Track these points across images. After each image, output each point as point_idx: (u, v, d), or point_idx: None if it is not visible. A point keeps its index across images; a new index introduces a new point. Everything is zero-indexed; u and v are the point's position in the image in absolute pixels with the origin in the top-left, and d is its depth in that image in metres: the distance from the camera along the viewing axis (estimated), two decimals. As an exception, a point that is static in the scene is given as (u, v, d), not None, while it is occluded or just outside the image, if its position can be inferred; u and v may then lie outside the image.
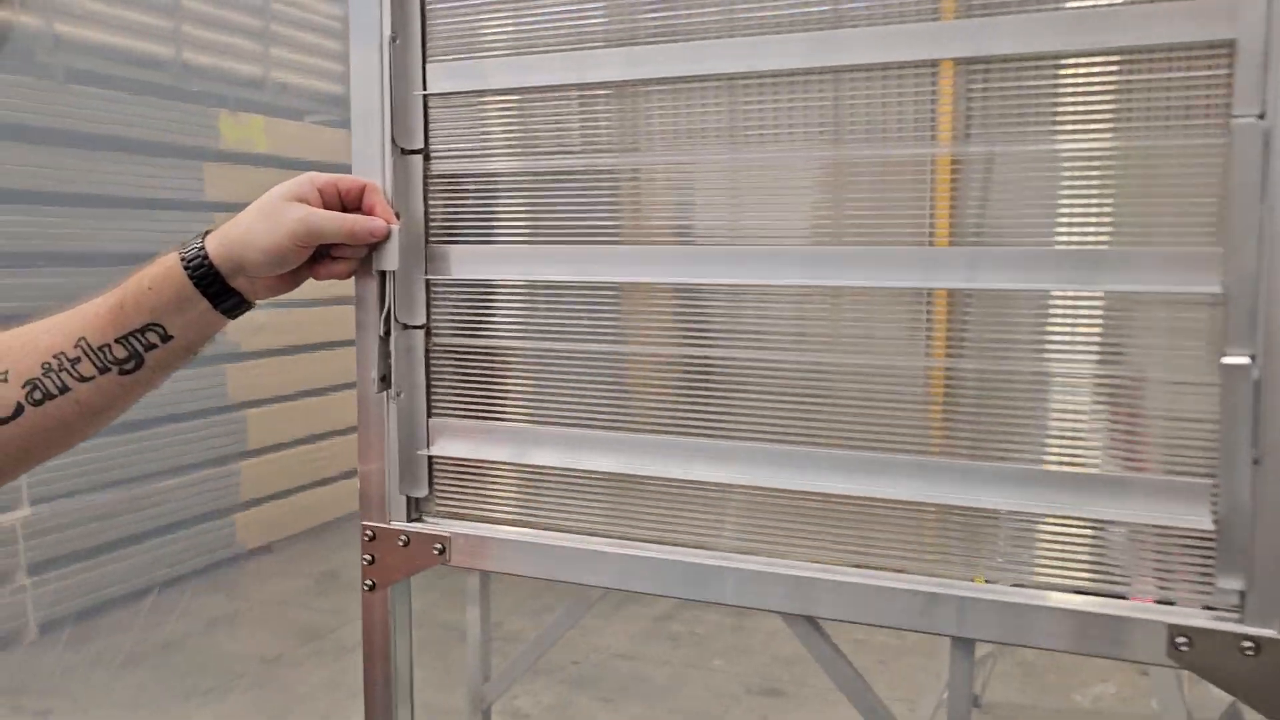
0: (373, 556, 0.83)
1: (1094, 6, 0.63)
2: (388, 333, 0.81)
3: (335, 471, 4.88)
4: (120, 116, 4.10)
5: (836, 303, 0.71)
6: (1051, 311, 0.67)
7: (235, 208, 0.81)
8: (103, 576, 3.84)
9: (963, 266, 0.67)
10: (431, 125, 0.82)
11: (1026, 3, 0.66)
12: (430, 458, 0.82)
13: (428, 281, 0.82)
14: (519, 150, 0.80)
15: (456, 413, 0.83)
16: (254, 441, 4.67)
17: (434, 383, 0.83)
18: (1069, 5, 0.64)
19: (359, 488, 0.83)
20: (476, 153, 0.81)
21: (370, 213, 0.79)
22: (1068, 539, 0.66)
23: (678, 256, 0.76)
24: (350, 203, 0.80)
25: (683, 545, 0.76)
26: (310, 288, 0.82)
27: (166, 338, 0.76)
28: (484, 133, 0.81)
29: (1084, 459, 0.66)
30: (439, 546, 0.81)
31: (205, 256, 0.76)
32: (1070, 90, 0.65)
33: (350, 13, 0.83)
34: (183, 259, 0.76)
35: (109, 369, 0.75)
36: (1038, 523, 0.67)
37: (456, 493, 0.83)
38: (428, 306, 0.82)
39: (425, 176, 0.82)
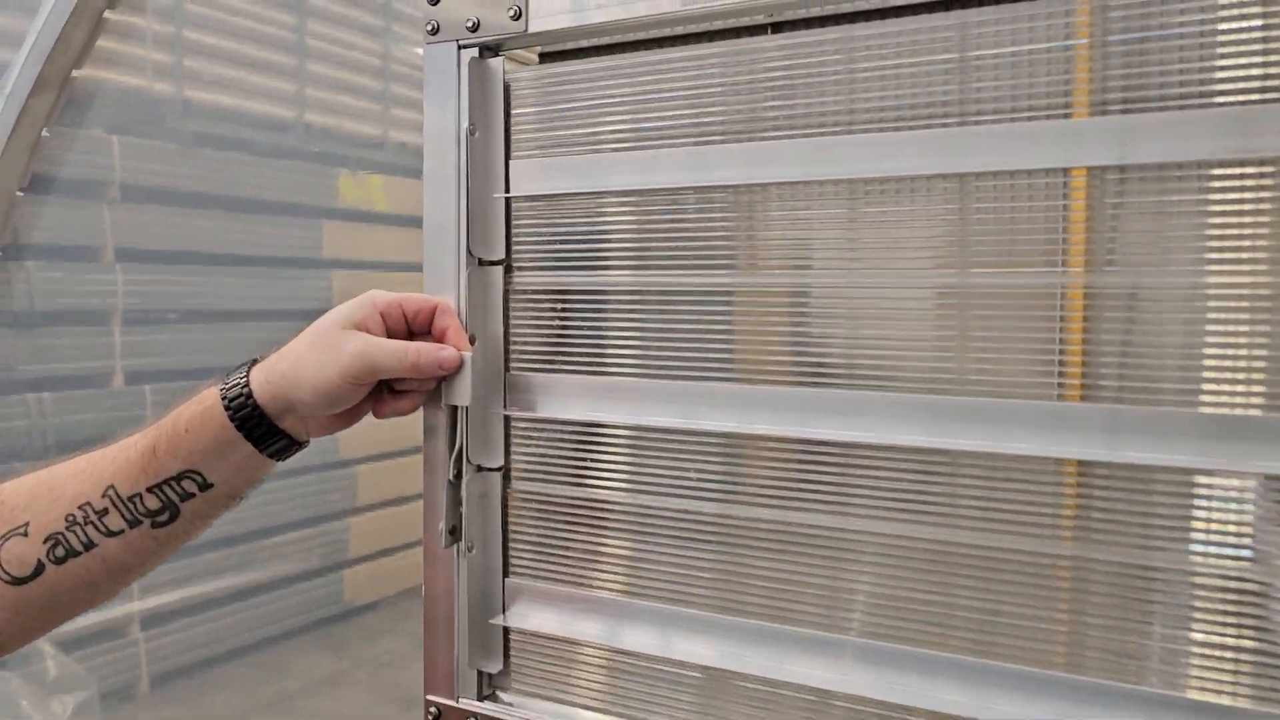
0: (437, 738, 0.69)
1: (1251, 103, 0.47)
2: (459, 476, 0.68)
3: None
4: (245, 179, 4.21)
5: (954, 467, 0.56)
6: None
7: (352, 264, 0.70)
8: (214, 631, 3.88)
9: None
10: (515, 232, 0.70)
11: (1168, 99, 0.48)
12: (506, 628, 0.68)
13: (507, 418, 0.69)
14: (615, 263, 0.66)
15: (538, 574, 0.69)
16: (363, 498, 4.70)
17: (512, 537, 0.69)
18: (1219, 101, 0.48)
19: (424, 655, 0.70)
20: (566, 265, 0.68)
21: (441, 338, 0.68)
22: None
23: (791, 400, 0.61)
24: (418, 326, 0.69)
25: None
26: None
27: (205, 486, 0.66)
28: (575, 242, 0.68)
29: (1227, 689, 0.49)
30: (514, 736, 0.67)
31: (249, 395, 0.66)
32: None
33: (424, 101, 0.72)
34: (224, 397, 0.66)
35: (140, 522, 0.65)
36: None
37: (536, 670, 0.69)
38: (507, 446, 0.69)
39: (506, 291, 0.70)
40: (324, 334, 0.68)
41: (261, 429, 0.68)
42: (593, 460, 0.67)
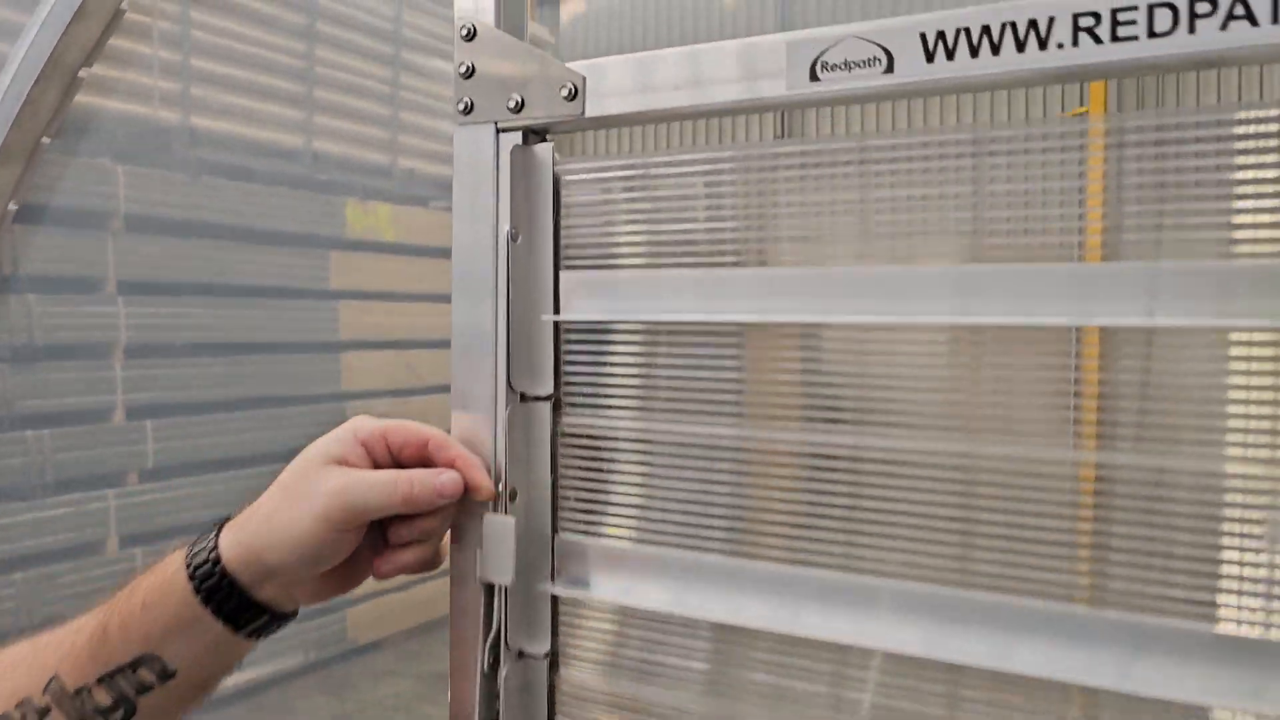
0: None
1: None
2: (495, 665, 0.55)
3: (448, 565, 4.74)
4: (251, 208, 4.16)
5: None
6: None
7: (359, 295, 0.57)
8: None
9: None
10: (567, 362, 0.57)
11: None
12: None
13: (555, 598, 0.55)
14: (700, 408, 0.53)
15: None
16: None
17: None
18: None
19: None
20: (635, 405, 0.55)
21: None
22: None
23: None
24: (408, 461, 0.56)
25: None
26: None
27: (166, 675, 0.54)
28: (644, 377, 0.55)
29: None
30: None
31: (217, 562, 0.53)
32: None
33: (454, 193, 0.59)
34: (188, 565, 0.54)
35: None
36: None
37: None
38: (554, 627, 0.56)
39: (555, 434, 0.56)
40: (297, 476, 0.57)
41: (233, 603, 0.55)
42: (664, 658, 0.54)
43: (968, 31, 0.46)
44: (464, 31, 0.56)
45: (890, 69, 0.48)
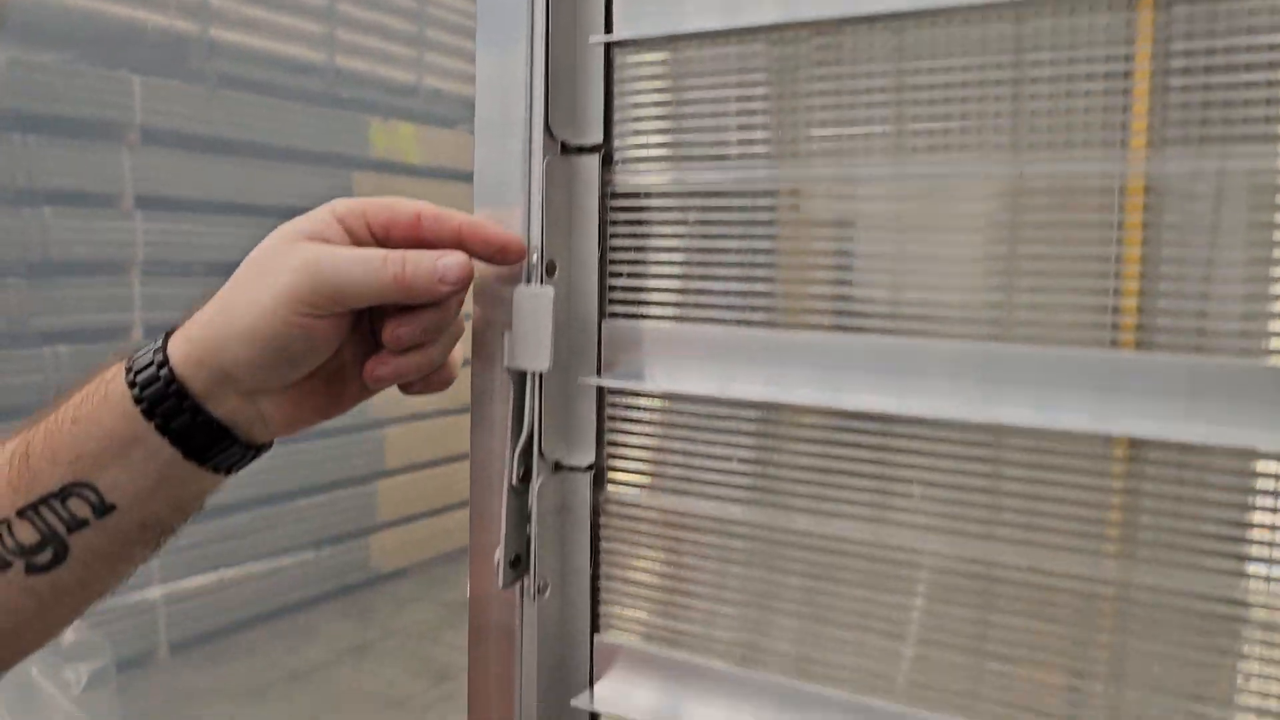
0: None
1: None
2: (526, 478, 0.44)
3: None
4: (271, 124, 4.08)
5: None
6: None
7: None
8: (236, 597, 3.81)
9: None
10: (618, 103, 0.45)
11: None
12: (594, 715, 0.43)
13: (601, 391, 0.43)
14: (796, 150, 0.41)
15: (645, 632, 0.44)
16: (391, 461, 4.65)
17: (605, 574, 0.45)
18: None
19: None
20: (705, 156, 0.43)
21: (457, 245, 0.43)
22: None
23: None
24: (400, 244, 0.44)
25: None
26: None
27: (104, 508, 0.42)
28: (725, 118, 0.42)
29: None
30: None
31: (163, 364, 0.41)
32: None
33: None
34: (129, 370, 0.42)
35: (8, 563, 0.42)
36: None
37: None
38: (600, 434, 0.44)
39: (604, 194, 0.44)
40: (261, 255, 0.45)
41: (183, 416, 0.43)
42: (737, 457, 0.42)
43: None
44: None
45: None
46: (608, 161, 0.46)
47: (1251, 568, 0.36)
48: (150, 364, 0.44)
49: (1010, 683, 0.39)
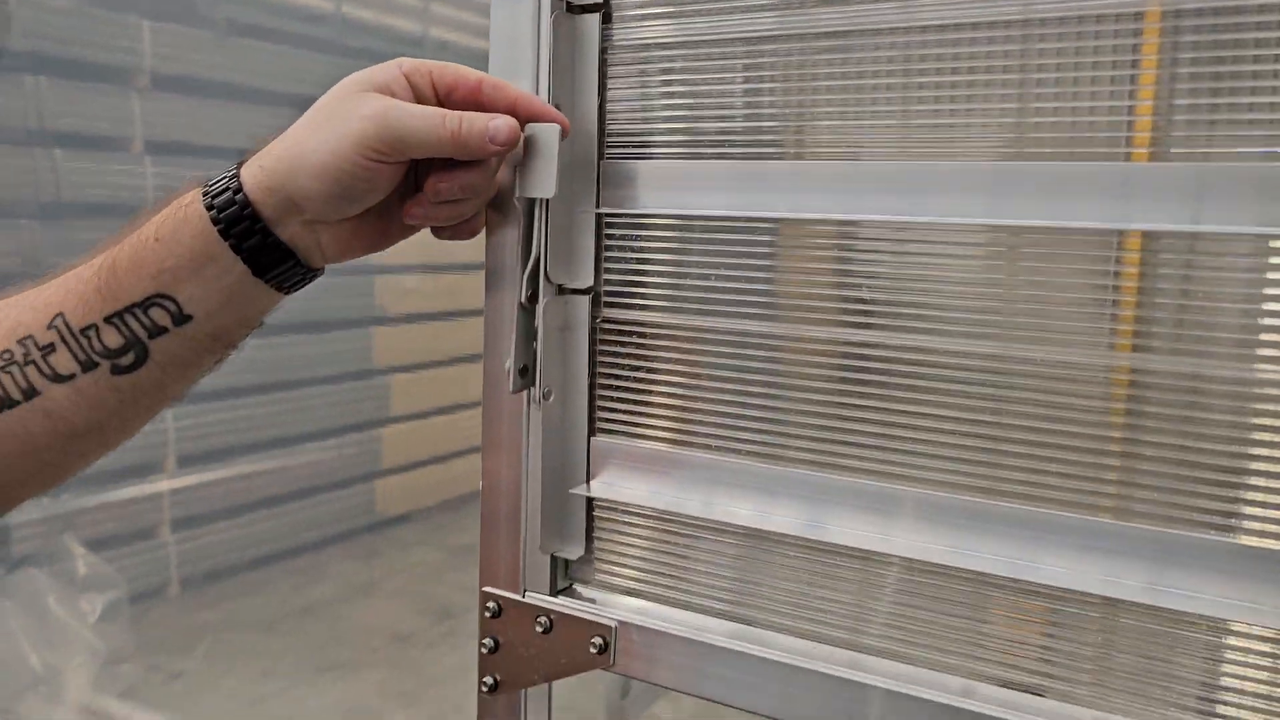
0: (495, 642, 0.52)
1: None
2: (533, 298, 0.50)
3: (479, 442, 4.82)
4: (279, 71, 4.08)
5: None
6: None
7: None
8: (244, 536, 3.88)
9: None
10: None
11: None
12: (591, 500, 0.51)
13: (601, 218, 0.50)
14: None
15: (635, 431, 0.51)
16: (397, 408, 4.68)
17: (603, 382, 0.52)
18: None
19: (481, 537, 0.53)
20: (702, 5, 0.49)
21: (510, 113, 0.49)
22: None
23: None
24: (459, 105, 0.50)
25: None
26: (466, 247, 0.50)
27: (182, 318, 0.48)
28: None
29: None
30: (599, 641, 0.50)
31: (238, 190, 0.47)
32: None
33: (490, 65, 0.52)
34: (205, 194, 0.48)
35: (96, 364, 0.48)
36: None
37: (629, 557, 0.52)
38: (598, 261, 0.51)
39: (604, 48, 0.51)
40: (332, 101, 0.49)
41: (255, 239, 0.49)
42: (722, 275, 0.48)
43: None
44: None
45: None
46: (608, 19, 0.52)
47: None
48: (226, 189, 0.49)
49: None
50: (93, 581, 3.08)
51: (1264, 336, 0.40)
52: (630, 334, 0.52)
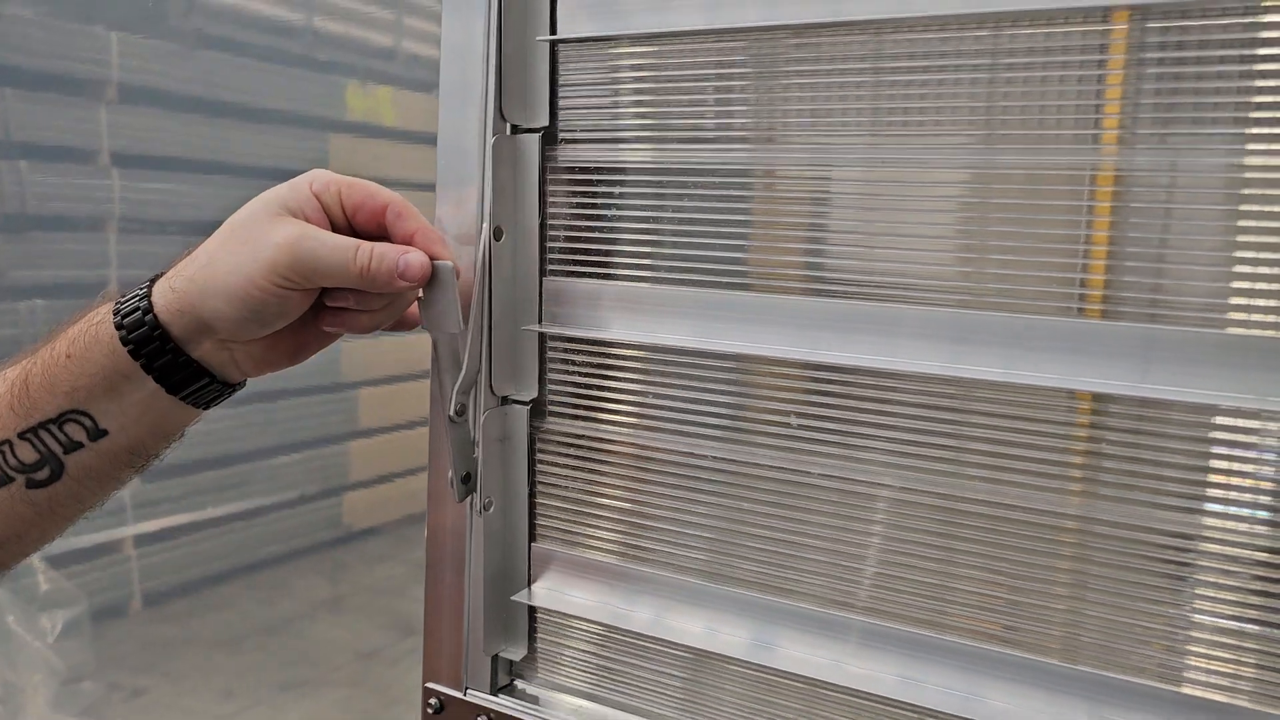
0: (438, 739, 0.54)
1: None
2: (462, 412, 0.52)
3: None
4: (248, 84, 4.05)
5: None
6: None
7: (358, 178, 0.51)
8: (209, 551, 3.84)
9: None
10: (562, 90, 0.53)
11: None
12: (532, 609, 0.52)
13: (543, 337, 0.52)
14: (706, 135, 0.49)
15: (575, 540, 0.53)
16: (365, 421, 4.66)
17: (541, 492, 0.53)
18: None
19: (425, 633, 0.54)
20: (636, 137, 0.51)
21: (407, 243, 0.50)
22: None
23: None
24: (360, 226, 0.51)
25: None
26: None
27: (98, 433, 0.49)
28: (655, 106, 0.50)
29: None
30: (539, 742, 0.52)
31: (148, 310, 0.48)
32: None
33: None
34: (116, 313, 0.48)
35: (10, 478, 0.48)
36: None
37: (569, 659, 0.53)
38: (542, 373, 0.53)
39: (544, 169, 0.53)
40: (245, 223, 0.50)
41: (165, 358, 0.49)
42: (654, 395, 0.50)
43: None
44: None
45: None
46: (550, 140, 0.54)
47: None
48: (136, 310, 0.50)
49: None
50: (54, 598, 3.04)
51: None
52: (569, 445, 0.54)
